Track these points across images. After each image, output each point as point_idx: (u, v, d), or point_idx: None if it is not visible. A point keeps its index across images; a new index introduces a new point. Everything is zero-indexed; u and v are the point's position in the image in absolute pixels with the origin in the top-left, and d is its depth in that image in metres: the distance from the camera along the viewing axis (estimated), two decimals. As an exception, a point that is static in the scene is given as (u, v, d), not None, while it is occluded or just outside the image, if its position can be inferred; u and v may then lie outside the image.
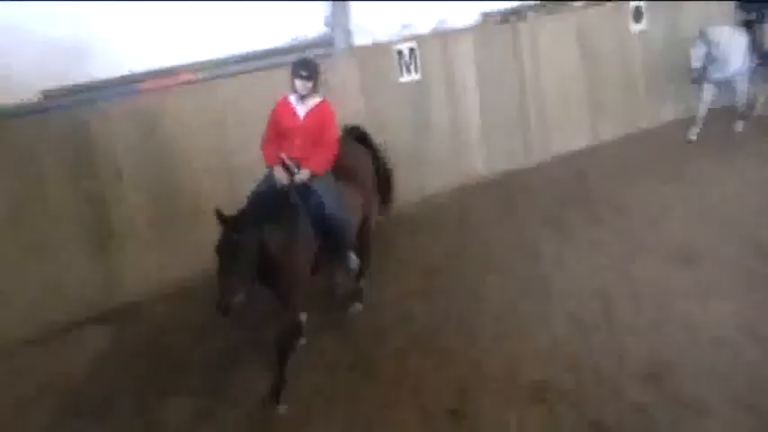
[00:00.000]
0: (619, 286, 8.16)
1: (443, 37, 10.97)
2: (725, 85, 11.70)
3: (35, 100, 8.43)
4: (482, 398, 6.61)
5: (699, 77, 11.55)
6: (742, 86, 11.80)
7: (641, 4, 12.75)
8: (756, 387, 6.35)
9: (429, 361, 7.20)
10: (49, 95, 8.47)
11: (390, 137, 10.25)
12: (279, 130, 7.19)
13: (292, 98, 7.19)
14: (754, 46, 11.45)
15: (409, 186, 10.46)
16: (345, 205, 7.19)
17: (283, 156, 7.15)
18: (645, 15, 12.82)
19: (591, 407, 6.35)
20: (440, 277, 8.75)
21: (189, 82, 9.30)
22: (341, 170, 7.30)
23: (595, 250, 9.01)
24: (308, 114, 7.15)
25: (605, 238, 9.30)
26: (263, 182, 7.19)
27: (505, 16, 11.60)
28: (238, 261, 6.02)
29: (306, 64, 7.12)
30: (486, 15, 11.48)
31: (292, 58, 9.77)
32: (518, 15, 11.77)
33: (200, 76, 9.31)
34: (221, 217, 6.07)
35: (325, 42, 10.20)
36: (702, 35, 11.35)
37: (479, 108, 11.47)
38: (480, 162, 11.56)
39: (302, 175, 7.01)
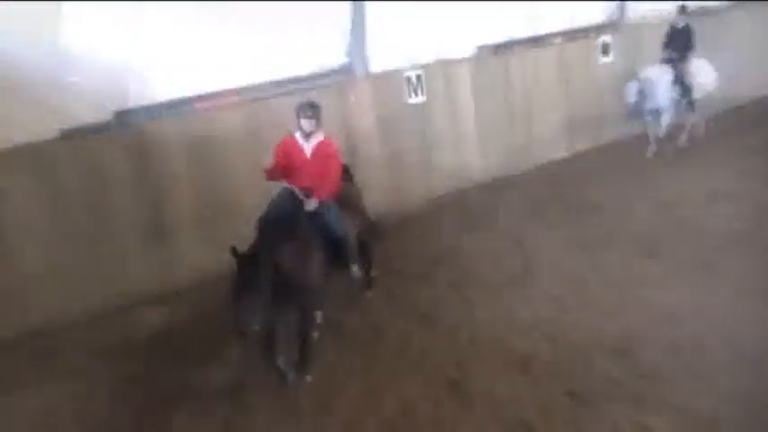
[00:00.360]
0: (592, 272, 7.92)
1: (445, 65, 10.92)
2: (655, 116, 11.53)
3: (108, 118, 8.28)
4: (477, 369, 6.35)
5: (633, 112, 11.48)
6: (665, 117, 11.60)
7: (608, 39, 12.70)
8: (704, 357, 6.11)
9: (431, 337, 6.94)
10: (119, 113, 8.32)
11: (400, 148, 10.44)
12: (287, 165, 6.86)
13: (298, 136, 6.87)
14: (677, 81, 11.25)
15: (416, 189, 10.72)
16: (345, 224, 6.94)
17: (294, 187, 6.88)
18: (611, 49, 12.70)
19: (567, 377, 6.06)
20: (443, 265, 8.58)
21: (234, 103, 9.06)
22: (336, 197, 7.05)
23: (572, 241, 8.82)
24: (314, 151, 6.84)
25: (580, 230, 9.14)
26: (273, 208, 6.84)
27: (497, 48, 11.48)
28: (256, 290, 5.56)
29: (310, 105, 6.81)
30: (481, 48, 11.33)
31: (320, 82, 9.66)
32: (508, 48, 11.64)
33: (242, 98, 9.15)
34: (236, 254, 5.59)
35: (345, 70, 10.10)
36: (636, 74, 11.40)
37: (475, 124, 11.37)
38: (476, 169, 11.48)
39: (312, 203, 6.69)
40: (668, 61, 11.43)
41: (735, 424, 5.26)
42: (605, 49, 12.67)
